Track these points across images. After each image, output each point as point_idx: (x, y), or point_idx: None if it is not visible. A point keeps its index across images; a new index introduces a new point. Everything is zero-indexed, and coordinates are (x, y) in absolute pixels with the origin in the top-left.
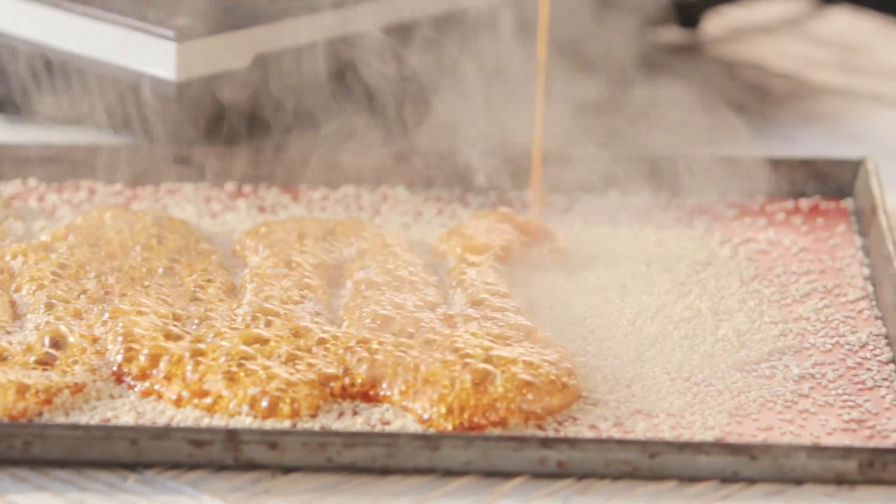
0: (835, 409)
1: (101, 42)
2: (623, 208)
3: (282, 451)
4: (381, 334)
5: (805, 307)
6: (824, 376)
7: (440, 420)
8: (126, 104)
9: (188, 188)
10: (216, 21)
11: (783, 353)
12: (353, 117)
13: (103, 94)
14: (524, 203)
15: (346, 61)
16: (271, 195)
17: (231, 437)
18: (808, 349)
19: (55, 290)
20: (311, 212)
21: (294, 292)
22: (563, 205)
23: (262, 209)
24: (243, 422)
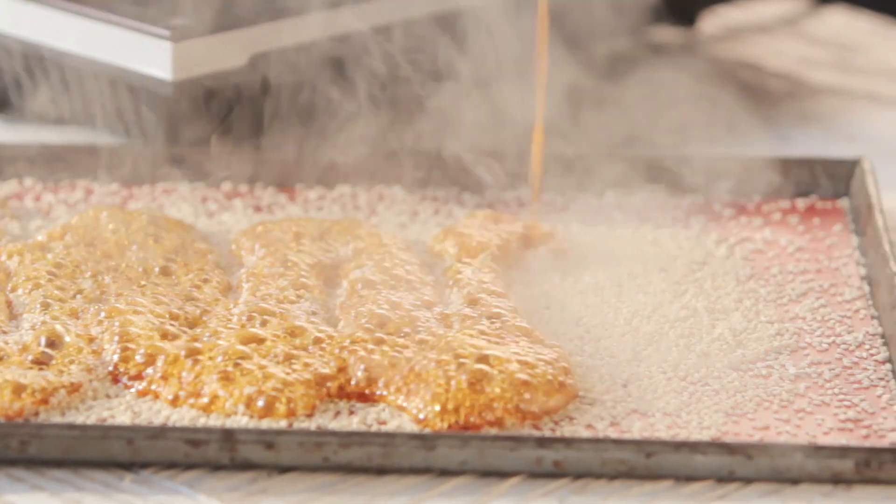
0: (831, 409)
1: (97, 41)
2: (619, 208)
3: (278, 451)
4: (377, 333)
5: (801, 307)
6: (821, 376)
7: (436, 420)
8: (122, 104)
9: (184, 188)
10: (212, 20)
11: (779, 353)
12: (349, 117)
13: (99, 94)
14: (520, 202)
15: (343, 60)
16: (267, 195)
17: (227, 436)
18: (804, 349)
19: (51, 290)
20: (308, 211)
21: (290, 292)
22: (560, 204)
23: (258, 209)
24: (239, 421)
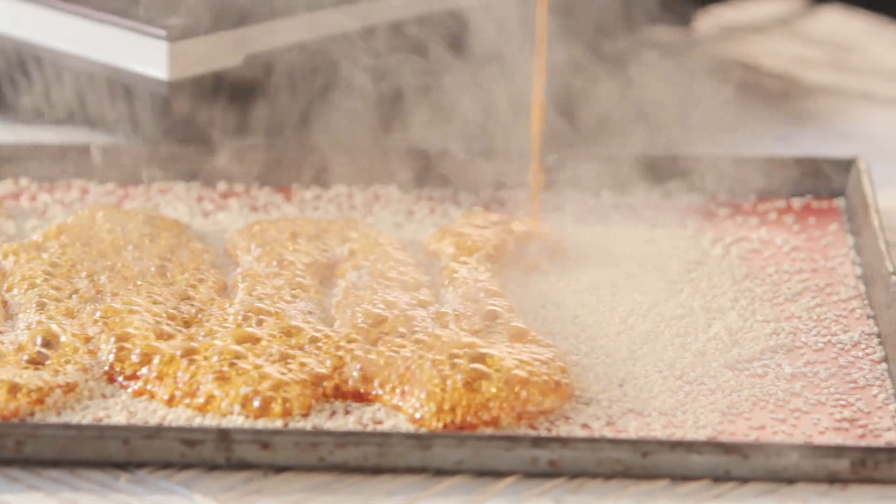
0: (827, 408)
1: (93, 41)
2: (615, 207)
3: (274, 451)
4: (372, 333)
5: (797, 306)
6: (816, 375)
7: (432, 419)
8: (118, 103)
9: (180, 187)
10: (208, 20)
11: (775, 352)
12: (345, 116)
13: (95, 94)
14: (517, 202)
15: (339, 60)
16: (263, 194)
17: (223, 436)
18: (800, 348)
19: (47, 290)
20: (304, 211)
21: (286, 291)
22: (556, 204)
23: (254, 208)
24: (235, 421)
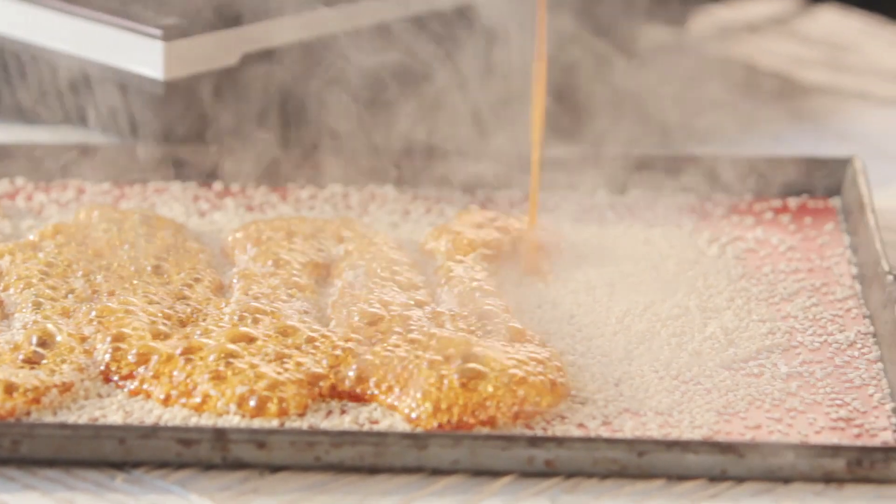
0: (823, 408)
1: (89, 40)
2: (611, 207)
3: (270, 451)
4: (368, 332)
5: (793, 305)
6: (812, 374)
7: (428, 419)
8: (114, 103)
9: (176, 187)
10: (204, 20)
11: (771, 352)
12: (341, 115)
13: (91, 93)
14: (512, 202)
15: (335, 59)
16: (259, 194)
17: (219, 436)
18: (796, 347)
19: (43, 289)
20: (300, 211)
21: (282, 291)
22: (552, 203)
23: (249, 208)
24: (231, 421)
